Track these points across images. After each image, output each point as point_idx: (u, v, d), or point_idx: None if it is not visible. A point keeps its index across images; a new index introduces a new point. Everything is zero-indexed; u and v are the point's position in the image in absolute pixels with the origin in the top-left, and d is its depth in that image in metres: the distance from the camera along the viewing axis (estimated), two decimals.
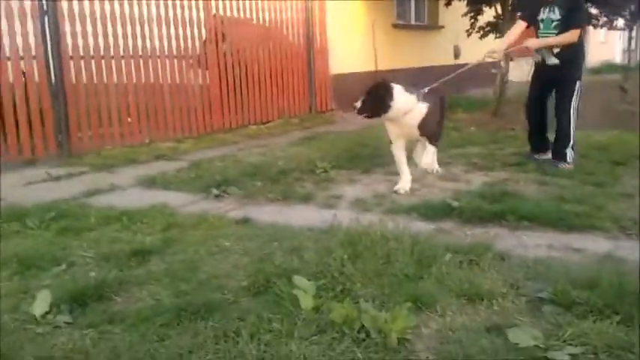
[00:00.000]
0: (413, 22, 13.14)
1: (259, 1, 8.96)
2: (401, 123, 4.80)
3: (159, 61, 7.60)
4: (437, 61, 12.63)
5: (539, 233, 3.65)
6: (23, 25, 6.24)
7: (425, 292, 2.64)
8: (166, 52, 7.69)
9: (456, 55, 13.95)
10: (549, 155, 5.59)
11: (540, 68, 5.52)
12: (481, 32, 11.37)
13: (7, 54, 6.17)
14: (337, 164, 5.81)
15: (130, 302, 2.80)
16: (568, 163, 5.33)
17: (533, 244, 3.46)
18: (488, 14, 11.15)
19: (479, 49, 5.90)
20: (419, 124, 4.80)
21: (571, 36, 5.18)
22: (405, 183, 4.87)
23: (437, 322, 2.49)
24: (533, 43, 5.41)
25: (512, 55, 5.60)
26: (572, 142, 5.35)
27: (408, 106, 4.72)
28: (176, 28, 7.78)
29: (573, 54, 5.28)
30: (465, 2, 11.08)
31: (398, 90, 4.70)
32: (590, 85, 15.55)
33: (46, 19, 6.44)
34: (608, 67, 19.77)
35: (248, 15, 8.84)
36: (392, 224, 3.48)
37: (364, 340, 2.29)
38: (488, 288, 2.74)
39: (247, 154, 6.77)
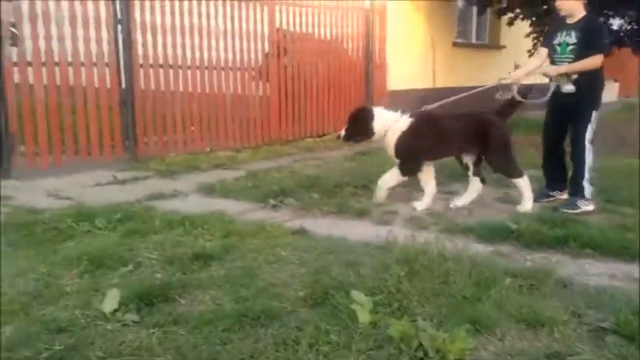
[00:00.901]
0: (474, 40, 13.07)
1: (321, 17, 9.08)
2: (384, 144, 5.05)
3: (222, 72, 7.79)
4: (496, 81, 12.53)
5: (602, 262, 3.61)
6: (97, 32, 6.52)
7: (484, 315, 2.65)
8: (230, 64, 7.89)
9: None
10: (565, 195, 5.15)
11: (556, 94, 5.05)
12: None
13: (82, 59, 6.45)
14: None
15: (193, 305, 2.91)
16: (585, 200, 4.86)
17: (596, 272, 3.43)
18: None
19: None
20: (394, 144, 4.95)
21: (593, 62, 4.79)
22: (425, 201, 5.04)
23: (496, 345, 2.51)
24: (550, 69, 4.99)
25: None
26: (586, 176, 4.88)
27: (388, 126, 4.95)
28: (240, 41, 7.97)
29: (590, 81, 4.87)
30: (529, 23, 11.00)
31: (378, 112, 5.01)
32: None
33: (120, 27, 6.70)
34: None
35: (310, 30, 8.97)
36: (449, 244, 3.48)
37: (422, 358, 2.32)
38: (549, 315, 2.73)
39: (303, 166, 6.87)
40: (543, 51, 5.19)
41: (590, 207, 4.85)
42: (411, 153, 4.95)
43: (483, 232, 4.11)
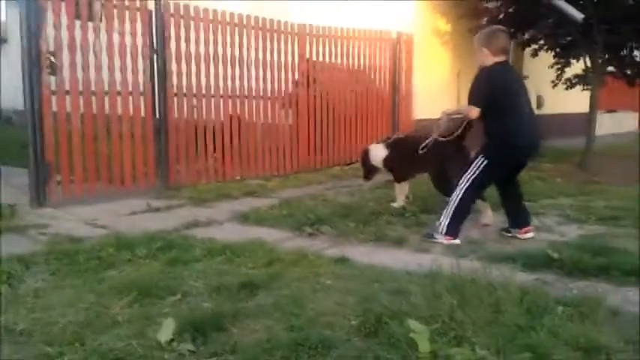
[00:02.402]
0: None
1: (349, 47, 9.19)
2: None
3: (254, 101, 7.89)
4: None
5: None
6: (134, 62, 6.64)
7: (540, 344, 2.62)
8: (261, 93, 7.98)
9: (539, 105, 13.82)
10: (524, 235, 4.95)
11: None
12: (567, 84, 11.28)
13: (118, 88, 6.56)
14: (425, 208, 5.85)
15: (246, 334, 2.90)
16: (438, 234, 4.80)
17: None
18: (575, 66, 11.05)
19: (562, 100, 5.68)
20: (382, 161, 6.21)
21: (466, 110, 4.82)
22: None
23: None
24: (442, 113, 5.31)
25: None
26: (449, 214, 4.77)
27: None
28: (272, 71, 8.09)
29: (486, 131, 4.80)
30: (553, 54, 11.02)
31: (373, 148, 6.36)
32: None
33: (155, 57, 6.82)
34: None
35: (338, 60, 9.07)
36: (496, 272, 3.46)
37: None
38: (604, 342, 2.69)
39: (335, 194, 6.87)
40: None
41: (447, 241, 4.76)
42: (404, 167, 6.12)
43: (525, 260, 4.07)
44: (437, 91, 11.05)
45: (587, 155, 9.91)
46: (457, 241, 4.78)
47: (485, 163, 4.72)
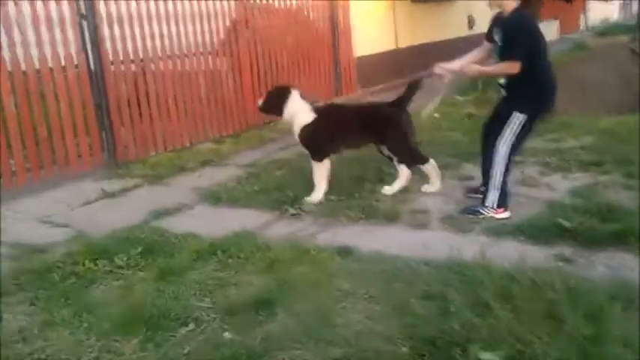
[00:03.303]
0: None
1: None
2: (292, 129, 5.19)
3: (194, 59, 7.31)
4: (452, 34, 12.42)
5: None
6: (63, 33, 5.93)
7: (616, 357, 2.52)
8: (200, 49, 7.40)
9: (470, 26, 13.74)
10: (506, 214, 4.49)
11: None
12: None
13: (50, 65, 5.87)
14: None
15: None
16: (486, 208, 4.43)
17: None
18: None
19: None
20: (299, 134, 5.12)
21: (505, 68, 4.28)
22: (316, 195, 5.05)
23: None
24: (471, 69, 4.54)
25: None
26: (496, 185, 4.40)
27: (296, 114, 5.10)
28: (208, 22, 7.50)
29: (518, 84, 4.30)
30: None
31: (293, 97, 5.12)
32: (598, 49, 15.56)
33: (85, 24, 6.11)
34: (614, 28, 19.53)
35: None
36: (531, 261, 3.33)
37: None
38: None
39: (298, 158, 6.44)
40: (485, 46, 4.60)
41: (500, 215, 4.41)
42: (316, 144, 5.11)
43: (535, 232, 3.95)
44: (376, 24, 10.71)
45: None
46: (508, 214, 4.43)
47: (524, 119, 4.31)
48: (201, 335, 3.03)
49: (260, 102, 5.35)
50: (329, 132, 5.06)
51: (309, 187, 5.15)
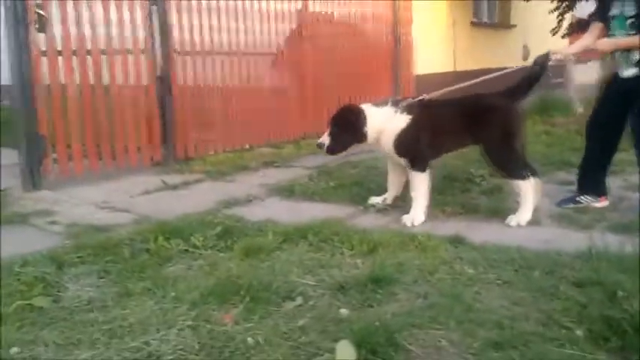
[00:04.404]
0: (485, 20, 12.50)
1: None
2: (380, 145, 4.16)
3: (261, 59, 6.97)
4: (508, 62, 12.02)
5: None
6: (132, 13, 5.62)
7: None
8: (266, 49, 7.07)
9: (525, 57, 13.33)
10: (604, 203, 4.20)
11: (613, 80, 4.13)
12: (567, 31, 10.74)
13: (116, 47, 5.53)
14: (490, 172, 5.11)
15: (429, 352, 2.16)
16: (587, 197, 4.13)
17: None
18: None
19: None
20: (394, 144, 4.05)
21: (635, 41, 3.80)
22: (417, 214, 3.97)
23: None
24: (603, 44, 4.01)
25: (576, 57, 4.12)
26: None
27: (383, 127, 4.05)
28: (276, 23, 7.17)
29: None
30: None
31: (369, 110, 4.11)
32: None
33: (155, 8, 5.80)
34: None
35: (336, 9, 8.16)
36: None
37: None
38: None
39: (371, 159, 5.99)
40: (596, 26, 4.13)
41: (602, 203, 4.13)
42: (416, 150, 4.06)
43: None
44: (435, 43, 10.37)
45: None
46: (607, 202, 4.17)
47: None
48: (312, 310, 2.54)
49: (324, 142, 4.23)
50: (428, 133, 4.04)
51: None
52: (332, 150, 4.22)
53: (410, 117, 4.03)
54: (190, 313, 2.51)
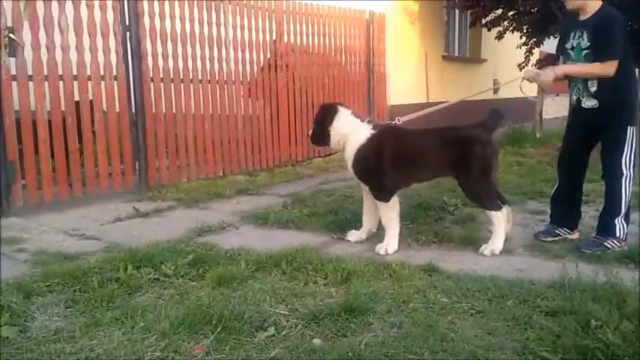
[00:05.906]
0: (456, 54, 12.70)
1: (323, 27, 8.36)
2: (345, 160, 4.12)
3: (234, 87, 6.96)
4: (479, 96, 12.20)
5: None
6: (105, 40, 5.57)
7: None
8: (241, 78, 7.07)
9: (495, 91, 13.55)
10: (576, 235, 4.20)
11: (578, 109, 4.04)
12: (538, 66, 10.94)
13: (88, 72, 5.48)
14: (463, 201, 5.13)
15: None
16: (617, 240, 3.87)
17: None
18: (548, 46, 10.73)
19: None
20: (352, 160, 4.01)
21: (600, 68, 3.75)
22: (390, 242, 3.95)
23: None
24: (559, 68, 3.98)
25: (546, 87, 4.18)
26: (622, 211, 3.88)
27: (347, 133, 4.02)
28: (250, 52, 7.20)
29: (616, 92, 3.81)
30: (520, 35, 10.62)
31: (343, 112, 4.11)
32: None
33: (128, 35, 5.78)
34: None
35: (311, 40, 8.22)
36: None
37: None
38: None
39: (346, 187, 5.99)
40: (561, 62, 4.14)
41: (619, 248, 3.86)
42: (376, 175, 3.96)
43: None
44: (409, 75, 10.51)
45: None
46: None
47: (634, 131, 3.80)
48: (285, 340, 2.50)
49: (310, 132, 4.34)
50: (394, 157, 3.94)
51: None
52: (311, 139, 4.30)
53: (375, 132, 4.00)
54: (160, 343, 2.45)
